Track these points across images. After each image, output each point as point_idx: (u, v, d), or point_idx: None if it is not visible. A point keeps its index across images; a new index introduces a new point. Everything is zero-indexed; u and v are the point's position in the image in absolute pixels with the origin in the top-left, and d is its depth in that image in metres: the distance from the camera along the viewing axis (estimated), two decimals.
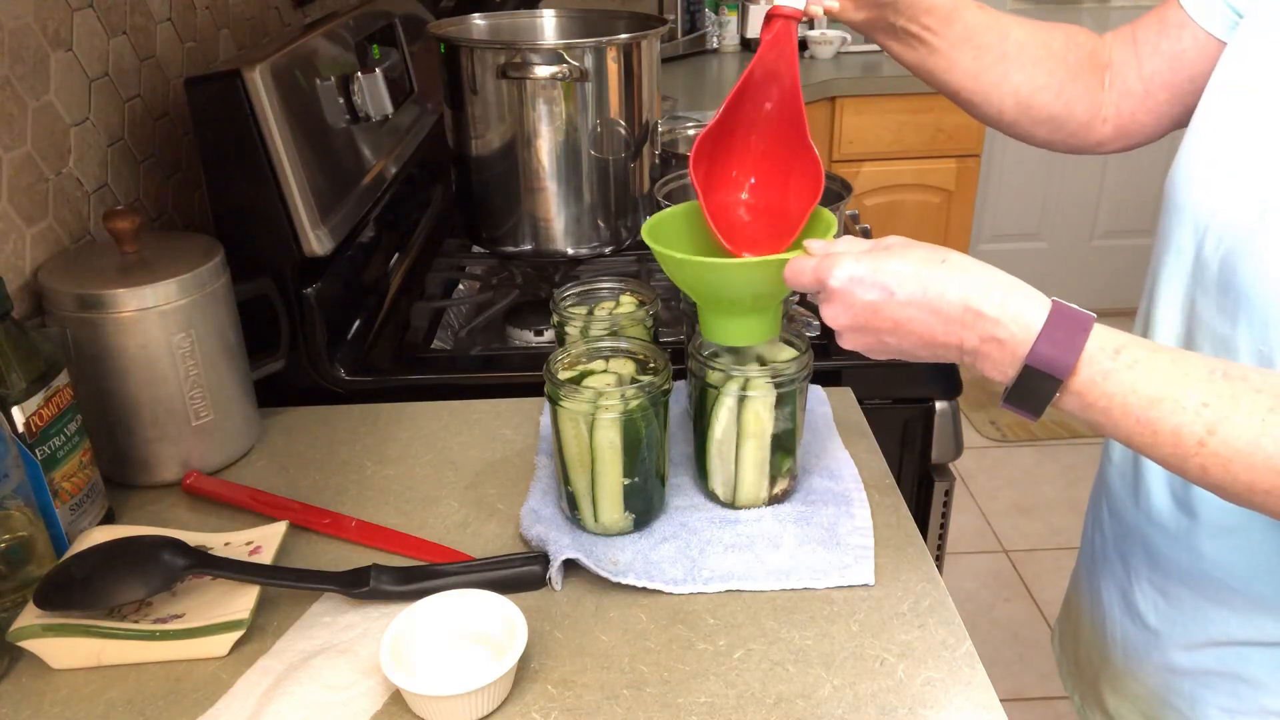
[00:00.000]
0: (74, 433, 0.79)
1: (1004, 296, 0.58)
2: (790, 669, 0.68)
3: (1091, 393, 0.56)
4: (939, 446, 1.06)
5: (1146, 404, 0.55)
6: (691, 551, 0.79)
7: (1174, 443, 0.55)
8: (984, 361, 0.60)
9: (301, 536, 0.83)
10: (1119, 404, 0.56)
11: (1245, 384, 0.54)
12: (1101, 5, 3.19)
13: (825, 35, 2.76)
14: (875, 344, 0.64)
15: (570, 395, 0.76)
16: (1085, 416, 0.57)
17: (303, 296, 1.01)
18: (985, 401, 3.01)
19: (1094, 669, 0.89)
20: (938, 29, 0.83)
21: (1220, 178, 0.68)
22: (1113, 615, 0.84)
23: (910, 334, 0.62)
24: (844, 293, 0.62)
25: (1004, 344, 0.58)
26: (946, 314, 0.60)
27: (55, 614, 0.69)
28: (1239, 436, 0.53)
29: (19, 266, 0.87)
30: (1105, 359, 0.56)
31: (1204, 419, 0.54)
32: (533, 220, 1.14)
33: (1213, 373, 0.55)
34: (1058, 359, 0.56)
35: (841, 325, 0.64)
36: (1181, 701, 0.77)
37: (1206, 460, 0.54)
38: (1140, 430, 0.56)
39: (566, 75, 1.05)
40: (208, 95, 0.94)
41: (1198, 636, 0.74)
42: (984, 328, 0.59)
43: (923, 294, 0.60)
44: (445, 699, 0.63)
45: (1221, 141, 0.69)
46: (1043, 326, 0.57)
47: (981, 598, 2.26)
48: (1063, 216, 3.36)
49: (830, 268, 0.63)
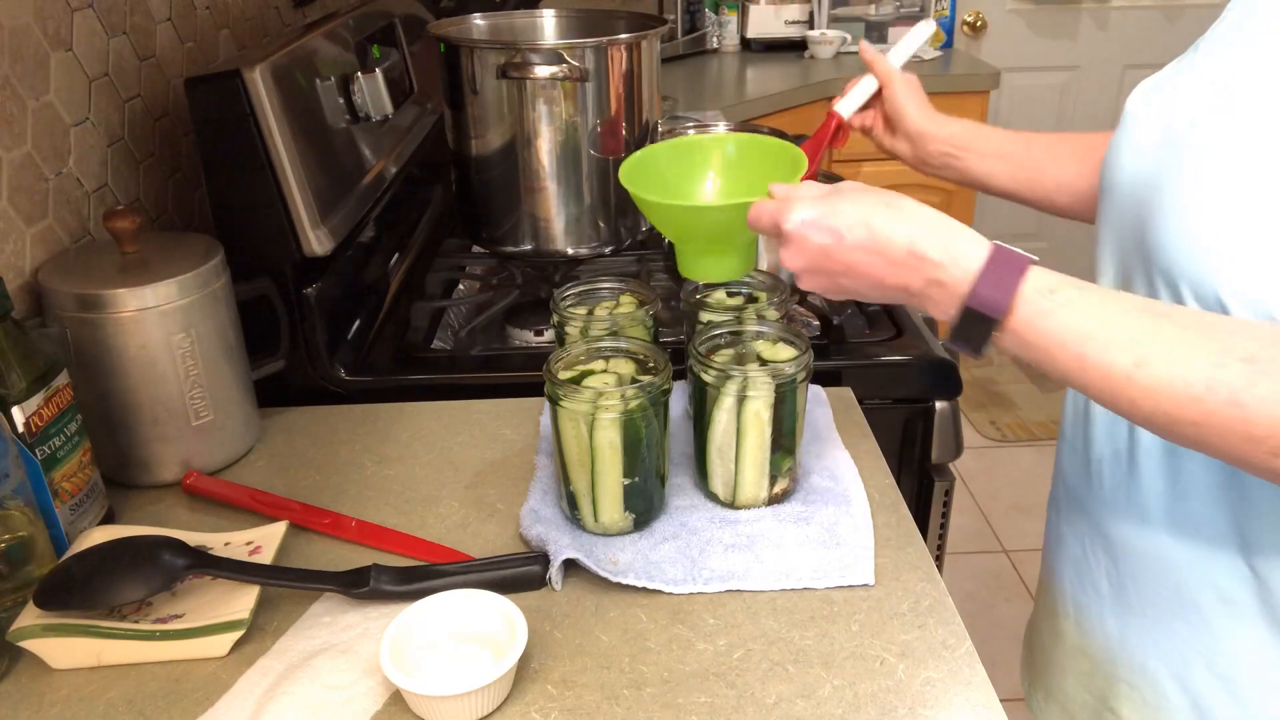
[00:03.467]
0: (74, 433, 0.79)
1: (947, 240, 0.62)
2: (790, 669, 0.68)
3: (1027, 331, 0.59)
4: (939, 446, 1.06)
5: (1078, 340, 0.57)
6: (691, 551, 0.79)
7: (1104, 377, 0.57)
8: (928, 303, 0.63)
9: (301, 536, 0.83)
10: (1054, 341, 0.58)
11: (1170, 321, 0.57)
12: (1101, 5, 3.19)
13: (825, 35, 2.76)
14: (830, 285, 0.67)
15: (570, 395, 0.76)
16: (1024, 354, 0.60)
17: (303, 296, 1.01)
18: (985, 401, 3.01)
19: (1045, 652, 0.90)
20: (967, 146, 0.95)
21: (1133, 149, 0.72)
22: (1064, 591, 0.85)
23: (860, 276, 0.65)
24: (798, 236, 0.66)
25: (945, 286, 0.61)
26: (892, 257, 0.63)
27: (55, 614, 0.69)
28: (1163, 370, 0.55)
29: (19, 266, 0.87)
30: (1040, 298, 0.58)
31: (1132, 354, 0.56)
32: (533, 220, 1.14)
33: (1142, 310, 0.58)
34: (994, 299, 0.59)
35: (797, 267, 0.67)
36: (1131, 673, 0.78)
37: (1135, 394, 0.56)
38: (1073, 366, 0.58)
39: (566, 75, 1.05)
40: (208, 95, 0.94)
41: (1149, 596, 0.75)
42: (927, 271, 0.62)
43: (870, 238, 0.63)
44: (445, 699, 0.63)
45: (1139, 115, 0.73)
46: (980, 269, 0.60)
47: (981, 598, 2.26)
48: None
49: (786, 211, 0.66)
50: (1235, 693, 0.71)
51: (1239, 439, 0.55)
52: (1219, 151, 0.63)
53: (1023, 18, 3.19)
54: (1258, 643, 0.69)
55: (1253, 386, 0.53)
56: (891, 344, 1.09)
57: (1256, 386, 0.53)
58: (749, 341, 0.85)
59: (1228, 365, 0.54)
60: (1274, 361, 0.54)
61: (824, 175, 1.26)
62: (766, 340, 0.85)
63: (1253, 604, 0.68)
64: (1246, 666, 0.70)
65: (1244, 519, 0.67)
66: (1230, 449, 0.56)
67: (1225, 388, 0.54)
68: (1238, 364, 0.54)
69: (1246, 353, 0.54)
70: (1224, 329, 0.56)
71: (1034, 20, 3.20)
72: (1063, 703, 0.87)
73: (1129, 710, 0.78)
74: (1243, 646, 0.70)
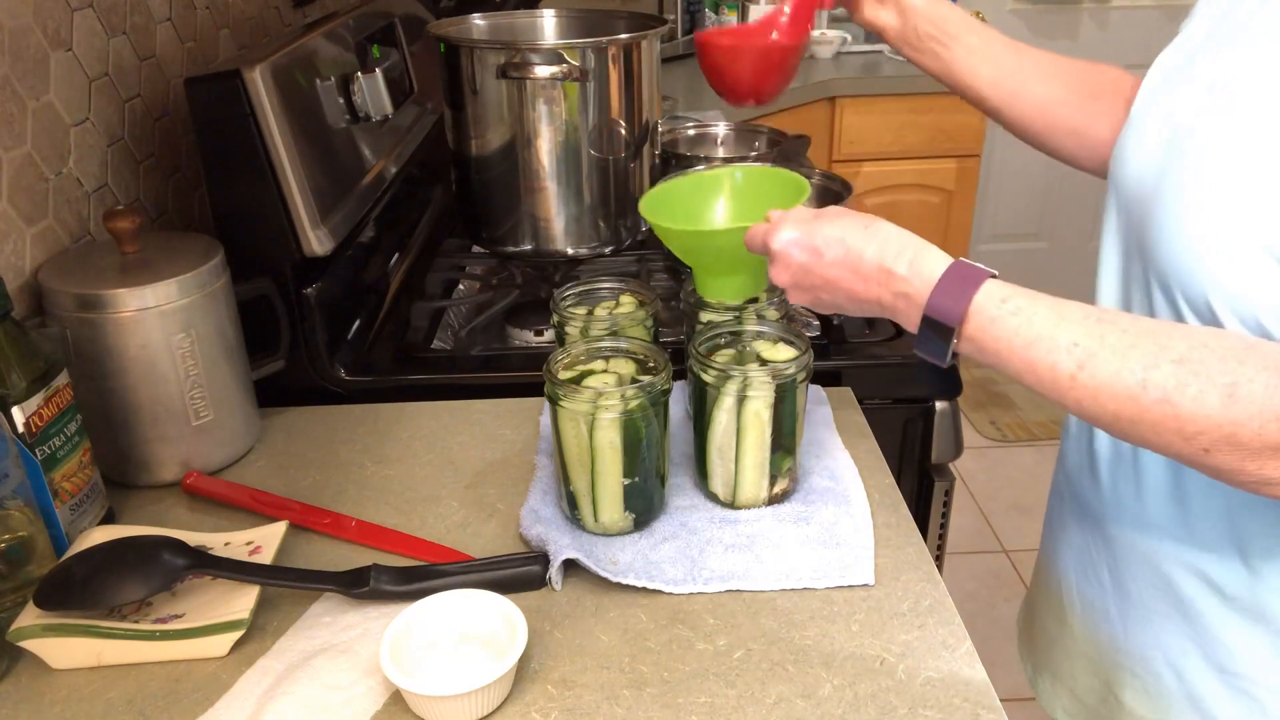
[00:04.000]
0: (74, 433, 0.79)
1: (913, 256, 0.66)
2: (790, 669, 0.68)
3: (981, 337, 0.63)
4: (939, 446, 1.06)
5: (1026, 345, 0.61)
6: (691, 551, 0.79)
7: (1051, 378, 0.61)
8: (898, 315, 0.67)
9: (301, 536, 0.83)
10: (1005, 346, 0.62)
11: (1113, 326, 0.60)
12: (1101, 5, 3.19)
13: (825, 35, 2.76)
14: (814, 300, 0.72)
15: (570, 395, 0.76)
16: (982, 359, 0.64)
17: (303, 296, 1.01)
18: (985, 401, 3.01)
19: (1049, 638, 0.91)
20: (958, 35, 0.91)
21: (1137, 149, 0.73)
22: (1069, 580, 0.86)
23: (839, 290, 0.69)
24: (783, 254, 0.71)
25: (910, 298, 0.65)
26: (865, 273, 0.67)
27: (55, 614, 0.69)
28: (1103, 370, 0.59)
29: (19, 266, 0.87)
30: (992, 307, 0.62)
31: (1075, 356, 0.59)
32: (533, 220, 1.14)
33: (1086, 317, 0.61)
34: (950, 309, 0.63)
35: (784, 283, 0.72)
36: (1133, 662, 0.79)
37: (1080, 393, 0.60)
38: (1024, 368, 0.62)
39: (566, 75, 1.04)
40: (208, 95, 0.94)
41: (1148, 588, 0.76)
42: (895, 285, 0.66)
43: (844, 256, 0.68)
44: (445, 699, 0.63)
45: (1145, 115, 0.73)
46: (938, 281, 0.64)
47: (981, 598, 2.26)
48: (1063, 216, 3.36)
49: (774, 232, 0.71)
50: (1233, 686, 0.72)
51: (1173, 435, 0.58)
52: (1217, 155, 0.64)
53: (1022, 18, 3.19)
54: (1253, 637, 0.70)
55: (1184, 387, 0.57)
56: (891, 344, 1.09)
57: (1187, 387, 0.56)
58: (749, 341, 0.85)
59: (1160, 366, 0.57)
60: (1202, 363, 0.57)
61: (824, 175, 1.26)
62: (766, 340, 0.85)
63: (1248, 599, 0.69)
64: (1243, 661, 0.71)
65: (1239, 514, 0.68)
66: (1167, 445, 0.59)
67: (1158, 388, 0.57)
68: (1169, 365, 0.57)
69: (1178, 354, 0.57)
70: (1161, 332, 0.59)
71: (1034, 20, 3.20)
72: (1071, 687, 0.88)
73: (1131, 699, 0.79)
74: (1238, 641, 0.71)
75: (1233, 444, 0.56)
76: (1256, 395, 0.55)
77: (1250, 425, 0.55)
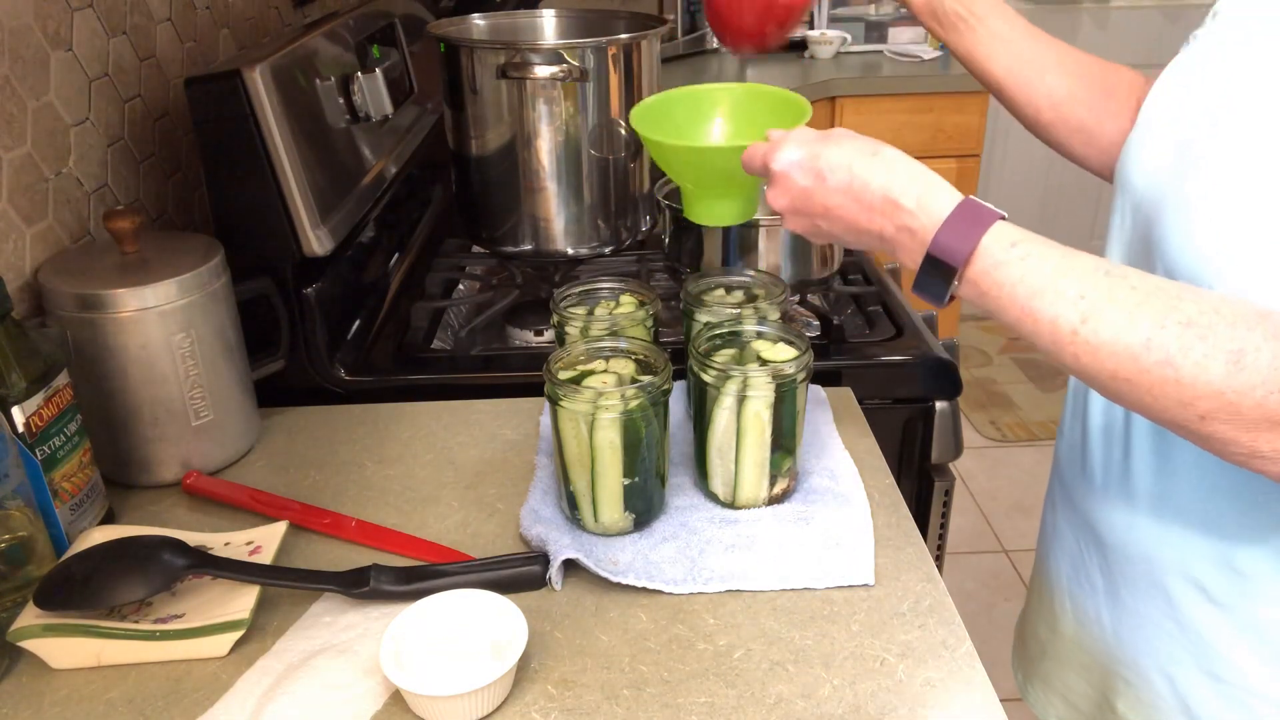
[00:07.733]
0: (74, 433, 0.79)
1: (922, 189, 0.63)
2: (790, 669, 0.68)
3: (984, 281, 0.60)
4: (939, 446, 1.06)
5: (1031, 294, 0.59)
6: (691, 551, 0.79)
7: (1052, 330, 0.58)
8: (899, 249, 0.64)
9: (301, 536, 0.83)
10: (1008, 293, 0.60)
11: (1123, 281, 0.57)
12: (1101, 5, 3.19)
13: (825, 35, 2.76)
14: (811, 228, 0.69)
15: (570, 395, 0.76)
16: (980, 304, 0.62)
17: (303, 296, 1.01)
18: (985, 401, 3.01)
19: (1041, 645, 0.91)
20: (984, 17, 0.89)
21: (1148, 154, 0.72)
22: (1061, 585, 0.85)
23: (839, 219, 0.67)
24: (784, 176, 0.68)
25: (914, 233, 0.63)
26: (869, 203, 0.65)
27: (55, 614, 0.69)
28: (1107, 326, 0.56)
29: (19, 266, 0.87)
30: (1000, 250, 0.60)
31: (1079, 309, 0.57)
32: (533, 220, 1.14)
33: (1096, 269, 0.58)
34: (955, 248, 0.61)
35: (781, 207, 0.69)
36: (1125, 669, 0.78)
37: (1079, 348, 0.58)
38: (1024, 318, 0.59)
39: (566, 75, 1.05)
40: (208, 95, 0.94)
41: (1140, 594, 0.76)
42: (899, 217, 0.63)
43: (849, 182, 0.65)
44: (445, 699, 0.63)
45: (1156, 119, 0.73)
46: (946, 218, 0.61)
47: (981, 598, 2.26)
48: (1063, 217, 3.36)
49: (775, 152, 0.68)
50: (1225, 694, 0.71)
51: (1171, 401, 0.56)
52: (1225, 159, 0.64)
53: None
54: (1244, 644, 0.69)
55: (1188, 350, 0.55)
56: (891, 344, 1.09)
57: (1192, 350, 0.54)
58: (749, 341, 0.85)
59: (1167, 327, 0.55)
60: (1211, 327, 0.55)
61: None
62: (766, 340, 0.85)
63: (1237, 601, 0.69)
64: (1235, 668, 0.70)
65: (1229, 512, 0.68)
66: (1163, 410, 0.57)
67: (1161, 349, 0.55)
68: (1176, 326, 0.55)
69: (1186, 316, 0.55)
70: (1172, 292, 0.57)
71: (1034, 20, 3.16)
72: (1064, 693, 0.88)
73: (1124, 706, 0.79)
74: (1230, 648, 0.70)
75: (1231, 413, 0.54)
76: (1263, 365, 0.53)
77: (1252, 395, 0.53)
